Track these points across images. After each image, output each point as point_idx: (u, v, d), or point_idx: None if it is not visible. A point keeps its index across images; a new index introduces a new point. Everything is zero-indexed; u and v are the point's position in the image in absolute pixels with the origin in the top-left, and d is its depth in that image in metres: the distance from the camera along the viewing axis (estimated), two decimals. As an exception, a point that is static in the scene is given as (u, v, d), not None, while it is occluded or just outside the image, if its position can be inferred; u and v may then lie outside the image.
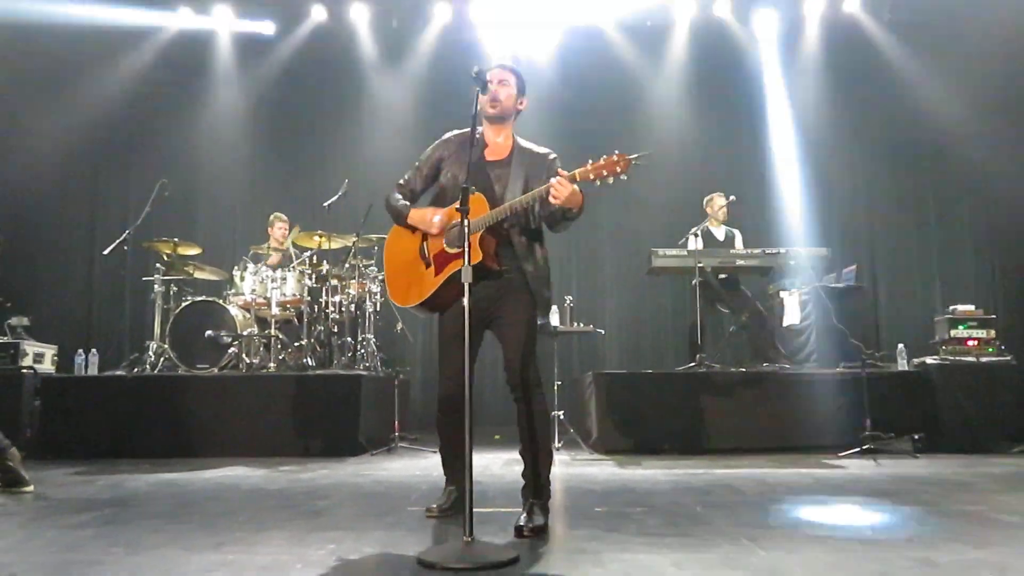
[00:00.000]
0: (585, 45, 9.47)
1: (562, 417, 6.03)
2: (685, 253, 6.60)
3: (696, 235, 6.88)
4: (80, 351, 6.76)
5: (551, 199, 2.92)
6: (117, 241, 6.85)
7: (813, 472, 4.66)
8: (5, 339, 6.43)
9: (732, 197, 7.12)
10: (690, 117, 9.50)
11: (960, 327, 6.14)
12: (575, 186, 2.92)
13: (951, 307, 6.37)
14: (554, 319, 6.25)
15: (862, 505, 3.56)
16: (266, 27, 9.78)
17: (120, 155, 9.64)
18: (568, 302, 6.51)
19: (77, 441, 5.63)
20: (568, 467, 5.02)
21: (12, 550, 2.70)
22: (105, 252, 6.92)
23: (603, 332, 7.63)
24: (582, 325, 6.63)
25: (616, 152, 2.92)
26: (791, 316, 6.99)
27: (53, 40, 8.40)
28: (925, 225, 9.35)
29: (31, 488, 3.96)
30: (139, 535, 2.91)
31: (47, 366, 6.65)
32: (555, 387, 6.03)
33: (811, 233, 8.46)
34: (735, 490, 3.99)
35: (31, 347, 6.50)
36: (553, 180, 2.92)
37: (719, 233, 7.14)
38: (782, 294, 7.14)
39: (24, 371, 6.11)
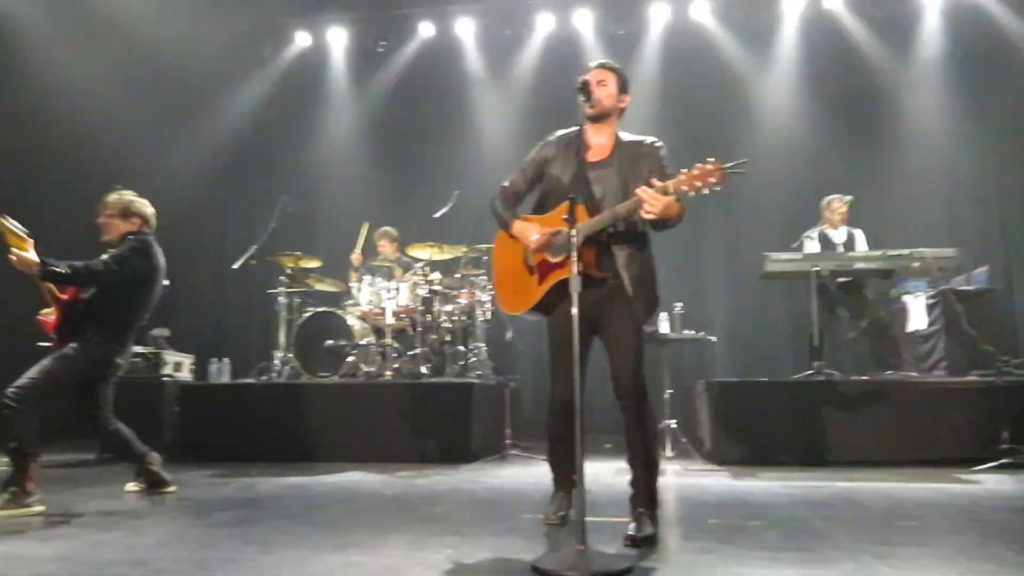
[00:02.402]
0: (688, 44, 9.36)
1: (674, 426, 5.96)
2: (800, 257, 6.39)
3: (810, 238, 6.65)
4: (214, 360, 7.24)
5: (644, 214, 2.90)
6: (245, 256, 7.26)
7: (944, 487, 4.41)
8: (148, 349, 6.94)
9: (850, 198, 6.84)
10: (801, 114, 9.19)
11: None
12: (670, 199, 2.88)
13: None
14: (663, 326, 6.19)
15: (1000, 523, 3.36)
16: (377, 46, 10.19)
17: (246, 175, 10.25)
18: (677, 309, 6.43)
19: (212, 444, 5.99)
20: (681, 477, 4.95)
21: (160, 546, 2.92)
22: (234, 266, 7.35)
23: (715, 339, 7.48)
24: (692, 332, 6.53)
25: (710, 160, 2.84)
26: (916, 321, 6.63)
27: (183, 70, 9.01)
28: (1067, 222, 8.67)
29: (173, 488, 4.27)
30: (270, 535, 3.10)
31: (185, 374, 7.13)
32: (666, 396, 5.97)
33: (937, 233, 7.99)
34: (858, 504, 3.84)
35: (171, 357, 6.99)
36: (642, 194, 2.88)
37: (838, 235, 6.85)
38: (905, 298, 6.79)
39: (165, 379, 6.60)
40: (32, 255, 3.73)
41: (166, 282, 4.24)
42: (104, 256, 4.00)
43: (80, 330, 3.96)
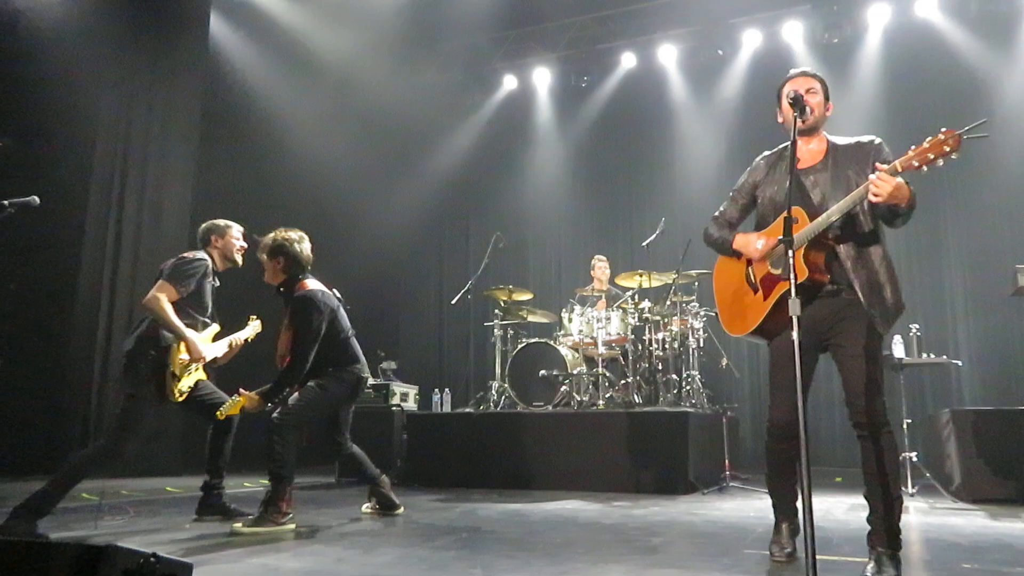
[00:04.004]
0: (914, 44, 8.68)
1: (915, 459, 5.42)
2: (1062, 268, 5.61)
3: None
4: (436, 390, 7.65)
5: (872, 197, 2.68)
6: (462, 291, 7.65)
7: None
8: (378, 381, 7.48)
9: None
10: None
11: None
12: (899, 179, 2.66)
13: None
14: (899, 350, 5.68)
15: None
16: (581, 81, 10.43)
17: (461, 215, 10.86)
18: (914, 331, 5.87)
19: (436, 470, 6.32)
20: (926, 516, 4.48)
21: (393, 565, 3.11)
22: (452, 301, 7.76)
23: (960, 363, 6.74)
24: (933, 356, 5.92)
25: (942, 130, 2.58)
26: None
27: (401, 118, 9.73)
28: None
29: (402, 511, 4.54)
30: (493, 559, 3.19)
31: (411, 404, 7.59)
32: (904, 426, 5.45)
33: None
34: None
35: (398, 387, 7.47)
36: (872, 176, 2.69)
37: None
38: None
39: (394, 409, 7.06)
40: (254, 401, 4.10)
41: (336, 300, 4.44)
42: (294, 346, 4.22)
43: (319, 375, 4.32)
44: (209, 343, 4.26)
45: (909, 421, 5.56)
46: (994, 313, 8.03)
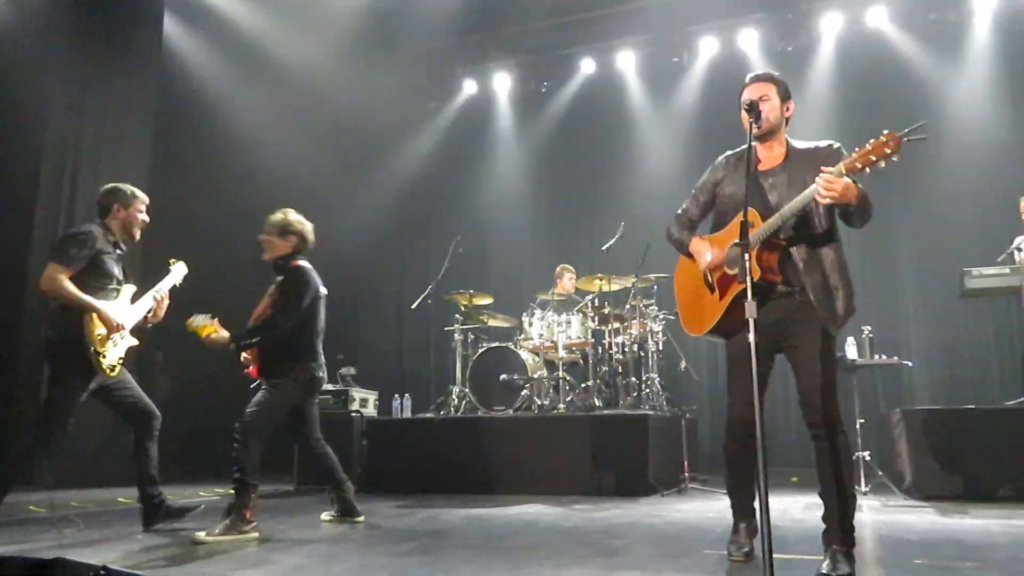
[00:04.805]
0: (866, 51, 8.89)
1: (868, 458, 5.54)
2: (1007, 271, 5.79)
3: (1020, 249, 6.01)
4: (396, 396, 7.59)
5: (819, 198, 2.77)
6: (422, 296, 7.61)
7: None
8: (337, 387, 7.40)
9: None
10: (998, 115, 8.38)
11: None
12: (846, 179, 2.73)
13: None
14: (852, 352, 5.80)
15: None
16: (542, 86, 10.48)
17: (421, 219, 10.79)
18: (867, 333, 6.00)
19: (397, 477, 6.27)
20: (879, 513, 4.58)
21: (353, 573, 3.08)
22: (413, 306, 7.72)
23: (911, 364, 6.91)
24: (884, 357, 6.05)
25: (884, 132, 2.67)
26: None
27: (360, 120, 9.66)
28: None
29: (363, 518, 4.49)
30: (455, 565, 3.17)
31: (371, 410, 7.52)
32: (857, 425, 5.56)
33: None
34: (1096, 547, 3.38)
35: (358, 393, 7.40)
36: (818, 178, 2.76)
37: None
38: None
39: (353, 414, 6.99)
40: (222, 334, 4.12)
41: (324, 290, 4.45)
42: (277, 301, 4.29)
43: (279, 365, 4.29)
44: (128, 307, 4.15)
45: (862, 421, 5.67)
46: (943, 315, 8.24)
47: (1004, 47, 8.50)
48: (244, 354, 4.30)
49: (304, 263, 4.42)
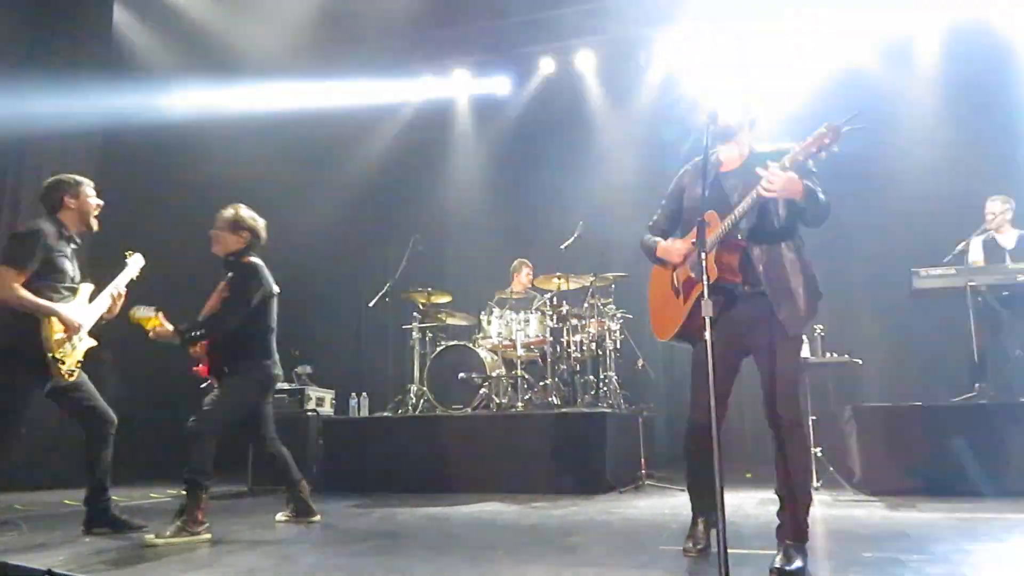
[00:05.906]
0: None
1: (819, 455, 5.65)
2: (953, 272, 5.94)
3: (964, 252, 6.16)
4: (353, 395, 7.51)
5: (763, 192, 2.83)
6: (380, 294, 7.55)
7: None
8: (293, 386, 7.30)
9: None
10: (948, 118, 8.59)
11: None
12: (789, 173, 2.80)
13: None
14: (804, 350, 5.90)
15: None
16: (501, 85, 10.44)
17: (379, 217, 10.69)
18: (819, 331, 6.11)
19: (354, 476, 6.20)
20: (830, 508, 4.67)
21: (309, 573, 3.03)
22: (370, 304, 7.65)
23: (860, 362, 7.05)
24: (836, 355, 6.18)
25: (824, 124, 2.76)
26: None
27: (320, 125, 9.55)
28: None
29: (318, 518, 4.43)
30: (412, 564, 3.15)
31: (327, 409, 7.44)
32: (809, 422, 5.66)
33: None
34: (1036, 538, 3.49)
35: (314, 392, 7.31)
36: (761, 172, 2.82)
37: (1007, 240, 6.19)
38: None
39: (309, 413, 6.90)
40: (167, 328, 4.05)
41: (276, 288, 4.38)
42: (225, 298, 4.23)
43: (232, 364, 4.21)
44: (86, 306, 4.03)
45: (814, 418, 5.77)
46: (893, 314, 8.42)
47: (949, 47, 8.70)
48: (192, 350, 4.21)
49: (255, 260, 4.34)
